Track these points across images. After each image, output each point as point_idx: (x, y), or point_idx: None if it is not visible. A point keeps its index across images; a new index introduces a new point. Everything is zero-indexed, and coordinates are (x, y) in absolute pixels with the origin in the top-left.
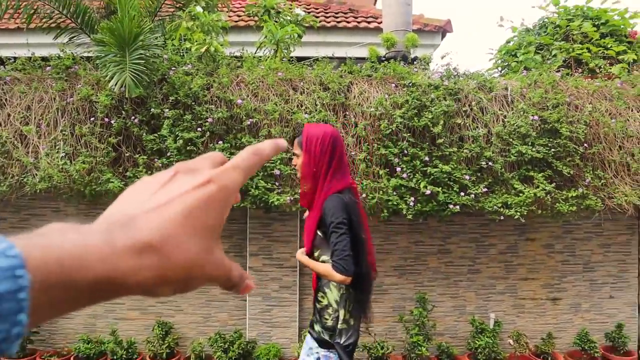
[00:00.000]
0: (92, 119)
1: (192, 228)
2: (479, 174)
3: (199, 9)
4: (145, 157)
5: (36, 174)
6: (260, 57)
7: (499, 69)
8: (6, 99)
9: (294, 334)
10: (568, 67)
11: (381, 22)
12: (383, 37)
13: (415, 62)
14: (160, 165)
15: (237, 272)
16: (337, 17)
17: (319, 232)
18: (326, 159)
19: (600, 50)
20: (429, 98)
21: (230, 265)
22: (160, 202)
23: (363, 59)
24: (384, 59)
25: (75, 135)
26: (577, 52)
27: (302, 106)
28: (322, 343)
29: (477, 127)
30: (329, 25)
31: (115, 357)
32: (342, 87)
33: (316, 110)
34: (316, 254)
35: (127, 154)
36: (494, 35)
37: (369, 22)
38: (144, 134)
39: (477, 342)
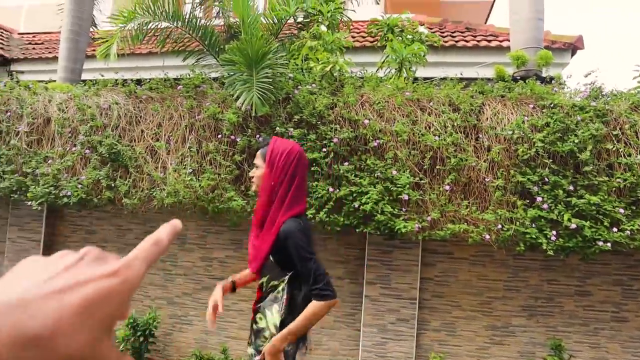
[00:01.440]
0: (218, 136)
1: (87, 320)
2: (633, 207)
3: (323, 28)
4: None
5: (164, 189)
6: (382, 77)
7: None
8: (140, 116)
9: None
10: None
11: (502, 41)
12: (512, 55)
13: (552, 82)
14: None
15: None
16: (454, 36)
17: (271, 258)
18: (288, 175)
19: None
20: (574, 120)
21: (117, 357)
22: (59, 287)
23: (488, 79)
24: (516, 78)
25: (201, 152)
26: None
27: (430, 128)
28: None
29: (630, 153)
30: (447, 44)
31: None
32: (474, 108)
33: (446, 132)
34: (263, 280)
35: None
36: (629, 53)
37: (489, 41)
38: None
39: None
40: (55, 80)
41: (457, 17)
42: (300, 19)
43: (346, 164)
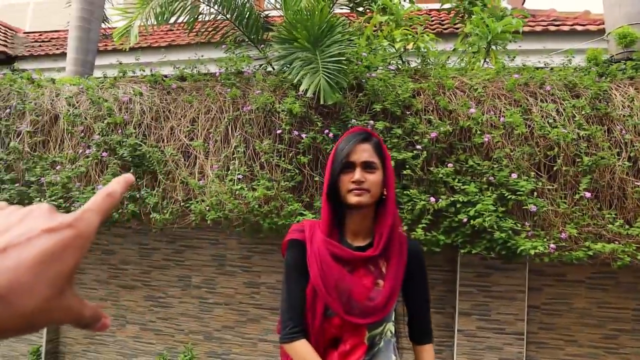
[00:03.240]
0: (277, 132)
1: (44, 274)
2: None
3: None
4: None
5: (203, 200)
6: (465, 64)
7: None
8: (169, 110)
9: None
10: None
11: (573, 25)
12: (617, 32)
13: None
14: None
15: (89, 312)
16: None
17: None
18: (393, 180)
19: None
20: None
21: (81, 307)
22: (13, 242)
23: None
24: (616, 60)
25: (249, 152)
26: None
27: (547, 118)
28: None
29: None
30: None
31: None
32: (601, 94)
33: (573, 124)
34: (381, 329)
35: (317, 179)
36: None
37: (557, 26)
38: None
39: None
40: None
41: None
42: None
43: (450, 165)
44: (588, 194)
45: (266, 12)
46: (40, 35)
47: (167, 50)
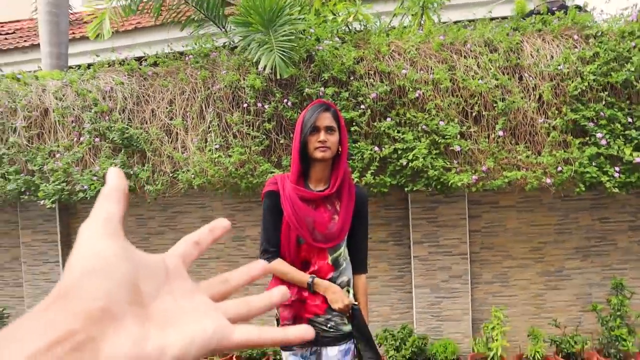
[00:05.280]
0: (244, 105)
1: None
2: None
3: None
4: None
5: (189, 170)
6: (405, 26)
7: None
8: (148, 95)
9: (467, 327)
10: None
11: None
12: None
13: (582, 10)
14: None
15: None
16: None
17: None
18: (347, 139)
19: None
20: (627, 47)
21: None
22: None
23: (505, 18)
24: (537, 12)
25: (222, 125)
26: None
27: (469, 72)
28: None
29: None
30: None
31: (243, 353)
32: (513, 47)
33: (489, 75)
34: (339, 252)
35: (282, 142)
36: None
37: None
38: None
39: None
40: (41, 69)
41: None
42: None
43: (387, 120)
44: (501, 133)
45: None
46: (2, 26)
47: (133, 32)
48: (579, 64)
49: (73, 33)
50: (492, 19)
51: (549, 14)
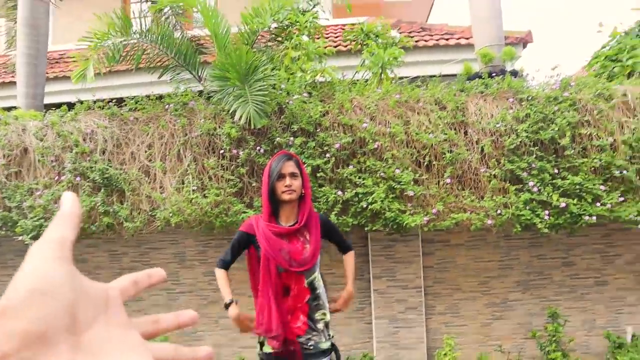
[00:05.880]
0: (220, 151)
1: None
2: (609, 183)
3: (305, 38)
4: None
5: (166, 209)
6: (367, 80)
7: (600, 75)
8: (129, 138)
9: (422, 355)
10: None
11: (459, 38)
12: (480, 52)
13: (518, 75)
14: None
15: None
16: (412, 37)
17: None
18: (309, 182)
19: None
20: (551, 110)
21: None
22: None
23: (454, 75)
24: (479, 75)
25: (199, 168)
26: None
27: (422, 127)
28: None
29: (601, 136)
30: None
31: None
32: (459, 106)
33: (439, 130)
34: (313, 276)
35: (254, 185)
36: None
37: (447, 39)
38: None
39: (618, 357)
40: (16, 107)
41: (398, 16)
42: (273, 28)
43: (349, 167)
44: (449, 180)
45: (195, 35)
46: None
47: (110, 75)
48: (513, 122)
49: (47, 73)
50: (443, 75)
51: (491, 77)
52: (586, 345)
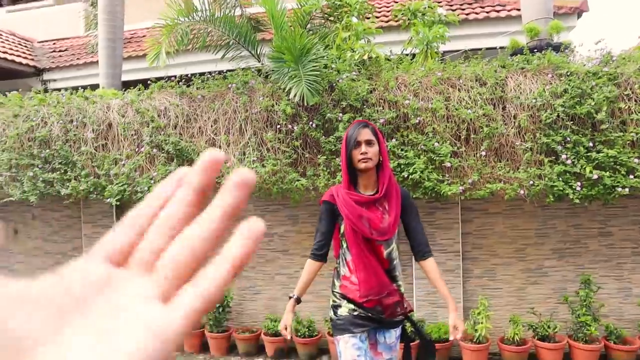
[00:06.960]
0: (277, 126)
1: None
2: None
3: (354, 19)
4: (324, 157)
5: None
6: (414, 56)
7: None
8: (197, 114)
9: (459, 314)
10: None
11: (510, 10)
12: (526, 27)
13: (561, 49)
14: (339, 163)
15: None
16: (463, 9)
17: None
18: (385, 150)
19: None
20: (589, 85)
21: None
22: None
23: (503, 48)
24: (530, 48)
25: (258, 141)
26: None
27: (462, 102)
28: None
29: None
30: (459, 18)
31: (298, 334)
32: (499, 82)
33: (477, 105)
34: (392, 247)
35: (307, 156)
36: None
37: (498, 11)
38: (321, 137)
39: None
40: (97, 86)
41: None
42: (325, 8)
43: (393, 140)
44: (483, 153)
45: (253, 13)
46: (54, 44)
47: (175, 54)
48: (550, 97)
49: (127, 52)
50: (491, 48)
51: (533, 52)
52: (620, 312)
